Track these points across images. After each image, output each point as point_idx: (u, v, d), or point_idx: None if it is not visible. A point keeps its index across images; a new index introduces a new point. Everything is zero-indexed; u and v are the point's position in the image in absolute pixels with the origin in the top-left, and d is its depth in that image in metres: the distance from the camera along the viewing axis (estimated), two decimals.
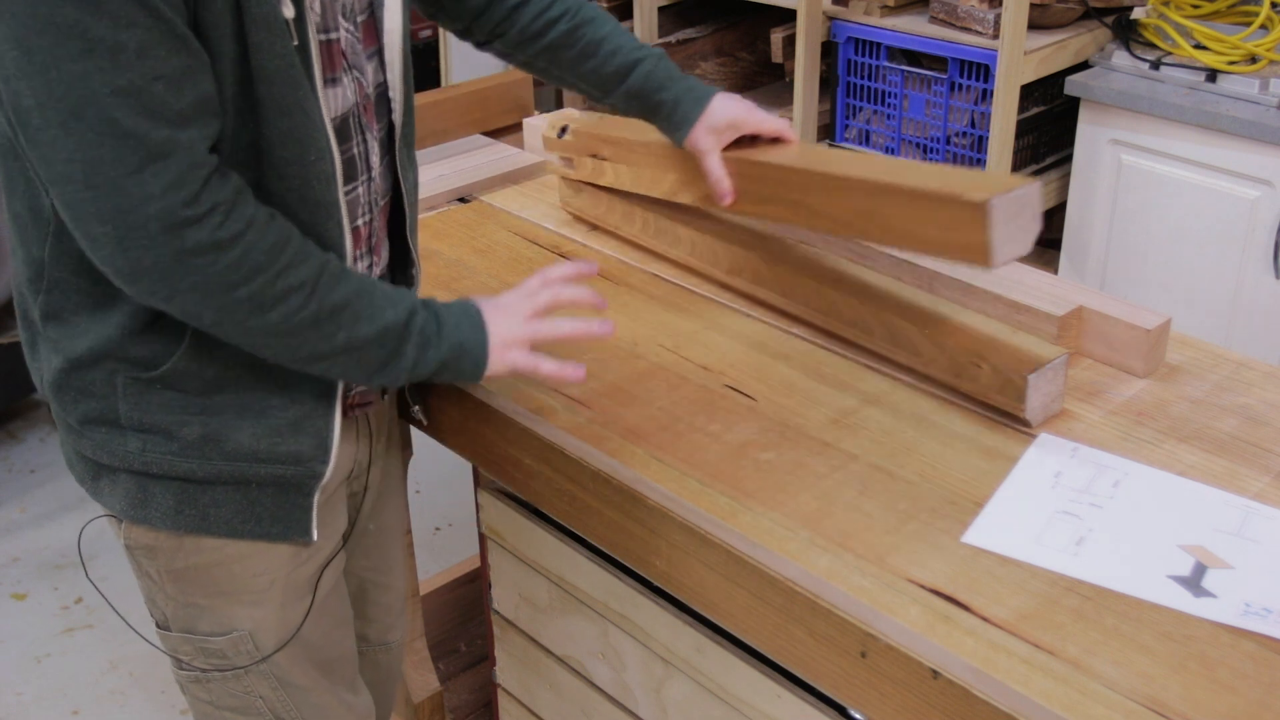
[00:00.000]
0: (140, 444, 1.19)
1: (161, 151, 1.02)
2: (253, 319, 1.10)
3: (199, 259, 1.05)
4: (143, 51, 0.99)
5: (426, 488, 2.87)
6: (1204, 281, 2.53)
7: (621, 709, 1.52)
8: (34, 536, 2.77)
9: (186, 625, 1.30)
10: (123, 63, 0.98)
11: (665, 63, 1.47)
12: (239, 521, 1.24)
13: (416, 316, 1.20)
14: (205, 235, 1.05)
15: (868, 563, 1.14)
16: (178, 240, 1.04)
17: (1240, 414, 1.36)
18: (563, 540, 1.49)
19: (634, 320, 1.55)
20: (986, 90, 2.60)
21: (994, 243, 1.24)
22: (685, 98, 1.47)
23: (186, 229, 1.04)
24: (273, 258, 1.09)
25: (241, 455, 1.21)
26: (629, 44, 1.47)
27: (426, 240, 1.74)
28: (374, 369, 1.19)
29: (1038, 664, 1.03)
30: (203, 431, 1.20)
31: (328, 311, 1.13)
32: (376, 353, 1.18)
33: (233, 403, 1.20)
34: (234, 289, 1.08)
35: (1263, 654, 1.03)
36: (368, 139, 1.24)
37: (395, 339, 1.18)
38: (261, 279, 1.09)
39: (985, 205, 1.22)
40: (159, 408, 1.18)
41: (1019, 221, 1.25)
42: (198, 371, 1.18)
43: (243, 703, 1.34)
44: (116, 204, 1.02)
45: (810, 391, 1.40)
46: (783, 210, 1.47)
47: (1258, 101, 2.39)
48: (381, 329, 1.17)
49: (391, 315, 1.18)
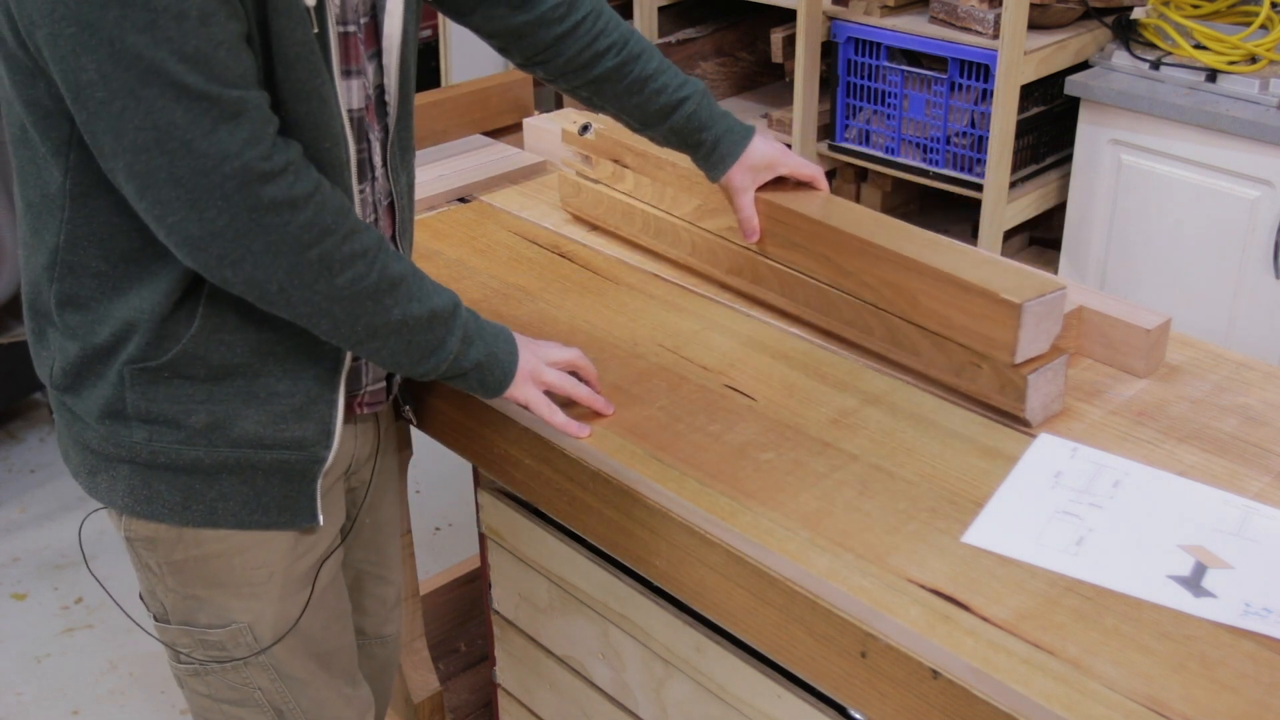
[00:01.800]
0: (146, 434, 1.20)
1: (235, 110, 1.04)
2: (321, 282, 1.11)
3: (274, 216, 1.07)
4: (205, 18, 1.01)
5: (426, 488, 2.87)
6: (1204, 281, 2.53)
7: (621, 709, 1.52)
8: (34, 536, 2.77)
9: (185, 617, 1.30)
10: (187, 30, 1.00)
11: (709, 101, 1.48)
12: (246, 513, 1.25)
13: (461, 309, 1.24)
14: (281, 191, 1.07)
15: (868, 563, 1.14)
16: (253, 197, 1.06)
17: (1240, 414, 1.36)
18: (563, 540, 1.49)
19: (634, 320, 1.55)
20: (986, 90, 2.60)
21: (1021, 341, 1.29)
22: (726, 138, 1.48)
23: (264, 185, 1.06)
24: (340, 220, 1.12)
25: (247, 441, 1.22)
26: (675, 80, 1.46)
27: (427, 240, 1.74)
28: (420, 353, 1.21)
29: (1037, 664, 1.03)
30: (209, 419, 1.20)
31: (388, 283, 1.16)
32: (425, 336, 1.20)
33: (239, 390, 1.21)
34: (306, 249, 1.09)
35: (1263, 654, 1.03)
36: (370, 141, 1.25)
37: (443, 326, 1.21)
38: (331, 240, 1.11)
39: (1019, 307, 1.28)
40: (165, 397, 1.19)
41: (1045, 324, 1.31)
42: (205, 357, 1.18)
43: (241, 695, 1.34)
44: (192, 165, 1.03)
45: (810, 391, 1.40)
46: (810, 262, 1.49)
47: (1258, 101, 2.39)
48: (432, 311, 1.20)
49: (440, 301, 1.21)
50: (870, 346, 1.46)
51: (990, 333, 1.32)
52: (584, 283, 1.62)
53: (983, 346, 1.33)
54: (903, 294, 1.40)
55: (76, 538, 1.31)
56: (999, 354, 1.32)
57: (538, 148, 2.02)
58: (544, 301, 1.59)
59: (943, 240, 1.43)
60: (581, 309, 1.57)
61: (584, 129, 1.76)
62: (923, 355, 1.40)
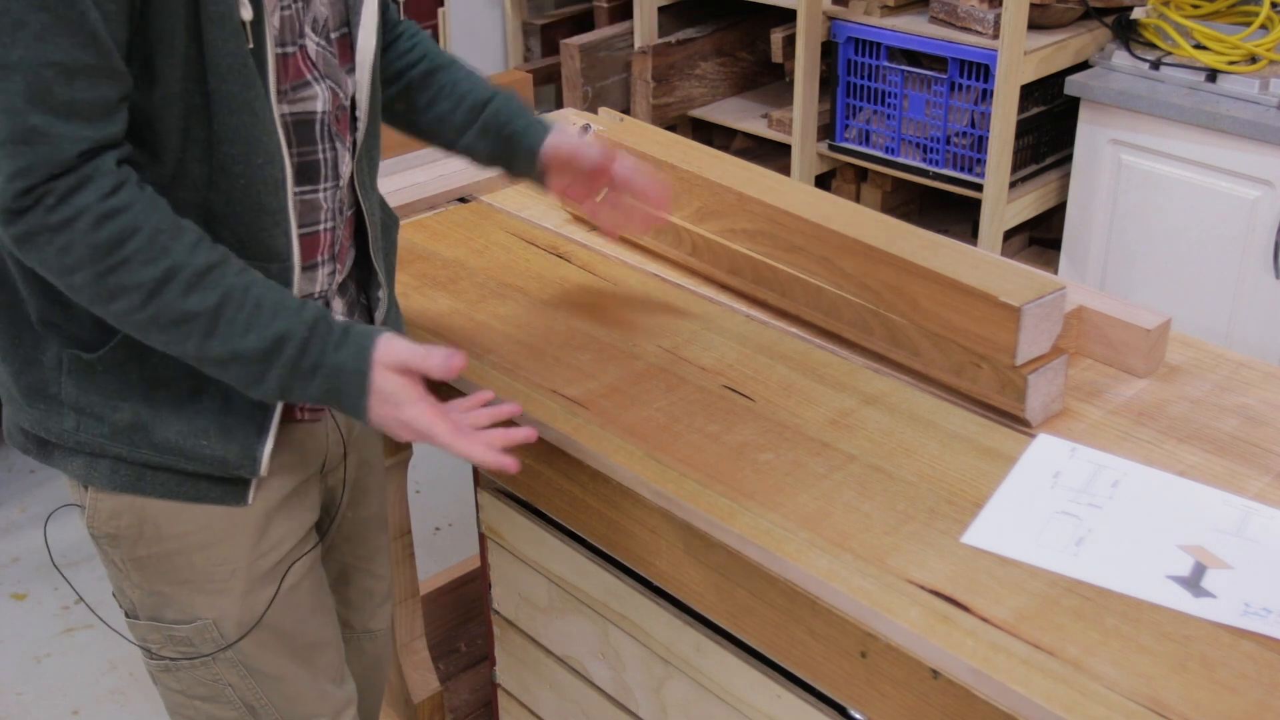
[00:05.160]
0: (75, 423, 1.21)
1: (23, 137, 1.03)
2: (97, 305, 1.11)
3: (30, 242, 1.07)
4: (42, 35, 1.01)
5: (426, 488, 2.87)
6: (1204, 281, 2.53)
7: (621, 709, 1.52)
8: (34, 536, 2.77)
9: (152, 613, 1.31)
10: (19, 40, 1.00)
11: (517, 98, 1.49)
12: (175, 487, 1.24)
13: (287, 345, 1.14)
14: (32, 221, 1.06)
15: (867, 563, 1.14)
16: (9, 224, 1.06)
17: (1240, 414, 1.36)
18: (563, 540, 1.49)
19: (632, 321, 1.55)
20: (986, 90, 2.60)
21: (1021, 343, 1.30)
22: (537, 125, 1.46)
23: (14, 217, 1.06)
24: (101, 253, 1.08)
25: (169, 449, 1.22)
26: (482, 85, 1.47)
27: (425, 240, 1.74)
28: (244, 384, 1.16)
29: (1037, 664, 1.03)
30: (132, 419, 1.21)
31: (173, 319, 1.11)
32: (237, 370, 1.14)
33: (167, 398, 1.21)
34: (68, 273, 1.09)
35: (1263, 654, 1.03)
36: (338, 147, 1.25)
37: (259, 364, 1.14)
38: (88, 271, 1.09)
39: (1019, 310, 1.28)
40: (95, 389, 1.20)
41: (1045, 325, 1.32)
42: (137, 359, 1.19)
43: (212, 691, 1.34)
44: None
45: (809, 392, 1.40)
46: (811, 264, 1.49)
47: (1258, 101, 2.39)
48: (233, 353, 1.13)
49: (248, 343, 1.13)
50: (871, 346, 1.46)
51: (990, 335, 1.32)
52: (583, 283, 1.62)
53: (983, 348, 1.33)
54: (903, 296, 1.40)
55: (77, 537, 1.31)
56: (999, 355, 1.32)
57: None
58: (543, 302, 1.59)
59: (943, 241, 1.43)
60: (580, 309, 1.57)
61: (584, 130, 1.76)
62: (923, 355, 1.40)
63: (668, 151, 1.66)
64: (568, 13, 3.59)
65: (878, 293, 1.42)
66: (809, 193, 1.58)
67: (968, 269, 1.35)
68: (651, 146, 1.68)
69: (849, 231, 1.44)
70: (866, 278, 1.43)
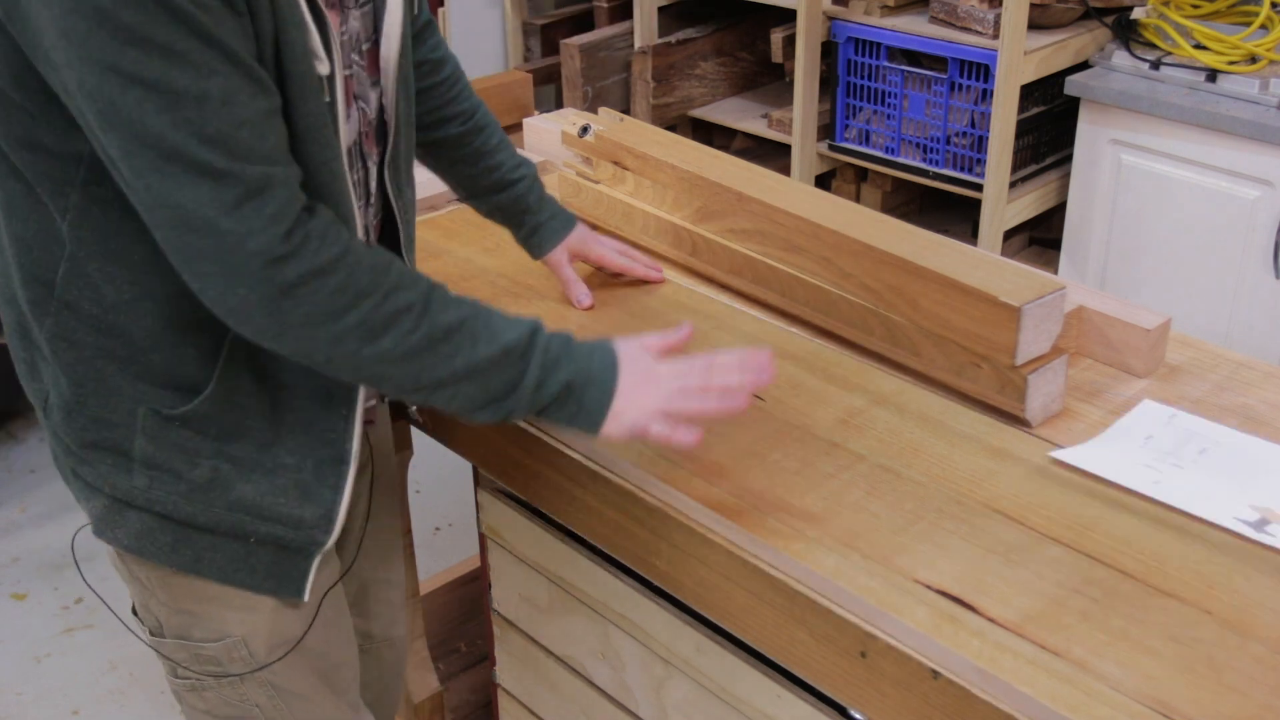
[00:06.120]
0: (147, 481, 1.18)
1: (258, 187, 1.01)
2: (366, 346, 1.08)
3: (303, 288, 1.04)
4: (226, 99, 0.99)
5: (426, 488, 2.87)
6: (1204, 281, 2.53)
7: (621, 709, 1.52)
8: (34, 536, 2.77)
9: (180, 632, 1.28)
10: (208, 112, 0.98)
11: (538, 186, 1.52)
12: (232, 569, 1.23)
13: (539, 335, 1.16)
14: (305, 265, 1.04)
15: (874, 563, 1.14)
16: (279, 272, 1.03)
17: (1240, 414, 1.36)
18: (563, 540, 1.49)
19: (641, 319, 1.55)
20: (986, 90, 2.60)
21: (1021, 343, 1.30)
22: (548, 224, 1.53)
23: (288, 261, 1.03)
24: (376, 281, 1.08)
25: (243, 507, 1.20)
26: (510, 161, 1.50)
27: (436, 239, 1.74)
28: (498, 393, 1.15)
29: (1043, 665, 1.02)
30: (211, 476, 1.18)
31: (441, 333, 1.11)
32: (498, 376, 1.14)
33: (246, 455, 1.19)
34: (342, 315, 1.06)
35: (1270, 657, 1.03)
36: (367, 165, 1.24)
37: (518, 359, 1.14)
38: (369, 303, 1.07)
39: (1019, 310, 1.28)
40: (173, 446, 1.17)
41: (1045, 325, 1.32)
42: (219, 416, 1.17)
43: (239, 711, 1.32)
44: (217, 243, 1.01)
45: (818, 391, 1.40)
46: (811, 263, 1.49)
47: (1258, 101, 2.39)
48: (502, 349, 1.13)
49: (512, 335, 1.14)
50: (870, 346, 1.46)
51: (991, 335, 1.32)
52: (590, 281, 1.61)
53: (983, 348, 1.33)
54: (903, 296, 1.39)
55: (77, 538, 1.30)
56: (1000, 355, 1.32)
57: (538, 148, 2.02)
58: (552, 300, 1.58)
59: (943, 241, 1.43)
60: (591, 308, 1.57)
61: (583, 130, 1.75)
62: (923, 355, 1.40)
63: (668, 151, 1.66)
64: (568, 13, 3.59)
65: (878, 293, 1.42)
66: (809, 193, 1.58)
67: (968, 269, 1.35)
68: (651, 146, 1.67)
69: (849, 231, 1.44)
70: (866, 278, 1.43)
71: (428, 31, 1.44)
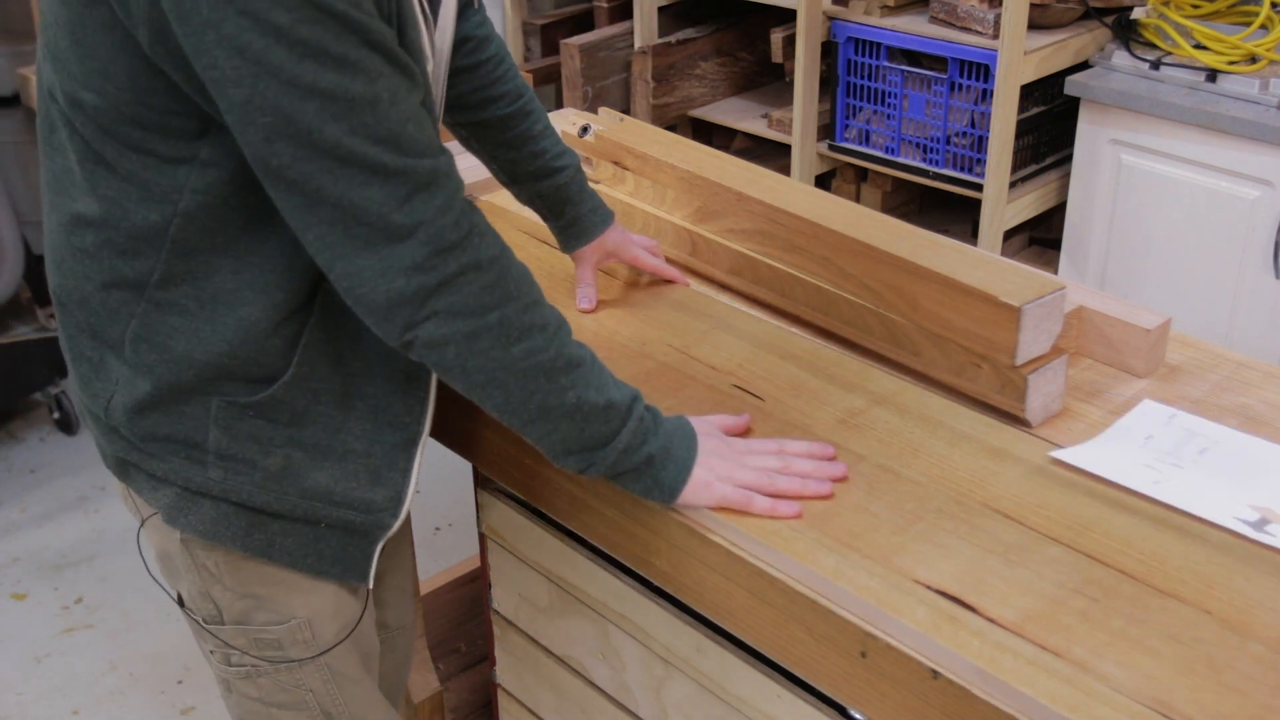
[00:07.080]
0: (221, 473, 1.19)
1: (428, 180, 1.04)
2: (497, 349, 1.10)
3: (460, 279, 1.07)
4: (394, 99, 1.02)
5: (426, 488, 2.87)
6: (1204, 281, 2.53)
7: (621, 709, 1.52)
8: (34, 536, 2.77)
9: (240, 617, 1.28)
10: (380, 114, 1.01)
11: (580, 176, 1.52)
12: (301, 554, 1.24)
13: (639, 402, 1.19)
14: (468, 256, 1.07)
15: (874, 563, 1.14)
16: (444, 261, 1.06)
17: (1240, 414, 1.36)
18: (563, 540, 1.49)
19: (642, 320, 1.55)
20: (986, 90, 2.60)
21: (1021, 343, 1.30)
22: (588, 217, 1.53)
23: (454, 250, 1.06)
24: (522, 289, 1.11)
25: (317, 494, 1.21)
26: (555, 148, 1.49)
27: None
28: (590, 443, 1.17)
29: (1043, 665, 1.02)
30: (284, 464, 1.20)
31: (564, 362, 1.14)
32: (597, 425, 1.16)
33: (318, 440, 1.20)
34: (487, 312, 1.09)
35: (1270, 657, 1.03)
36: None
37: (618, 417, 1.17)
38: (512, 307, 1.10)
39: (1019, 309, 1.28)
40: (247, 436, 1.18)
41: (1045, 325, 1.32)
42: (292, 402, 1.18)
43: (293, 697, 1.32)
44: (387, 237, 1.04)
45: (818, 391, 1.40)
46: (810, 263, 1.49)
47: (1258, 101, 2.39)
48: (608, 402, 1.16)
49: (617, 393, 1.17)
50: (870, 346, 1.46)
51: (991, 335, 1.32)
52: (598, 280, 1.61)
53: (983, 348, 1.33)
54: (903, 296, 1.39)
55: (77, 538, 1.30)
56: (1000, 355, 1.32)
57: None
58: (554, 300, 1.57)
59: (943, 241, 1.43)
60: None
61: (583, 131, 1.75)
62: (923, 355, 1.40)
63: (668, 151, 1.66)
64: (568, 12, 3.59)
65: (878, 293, 1.42)
66: (809, 193, 1.58)
67: (968, 269, 1.35)
68: (651, 146, 1.68)
69: (849, 231, 1.44)
70: (866, 277, 1.43)
71: (472, 9, 1.44)
